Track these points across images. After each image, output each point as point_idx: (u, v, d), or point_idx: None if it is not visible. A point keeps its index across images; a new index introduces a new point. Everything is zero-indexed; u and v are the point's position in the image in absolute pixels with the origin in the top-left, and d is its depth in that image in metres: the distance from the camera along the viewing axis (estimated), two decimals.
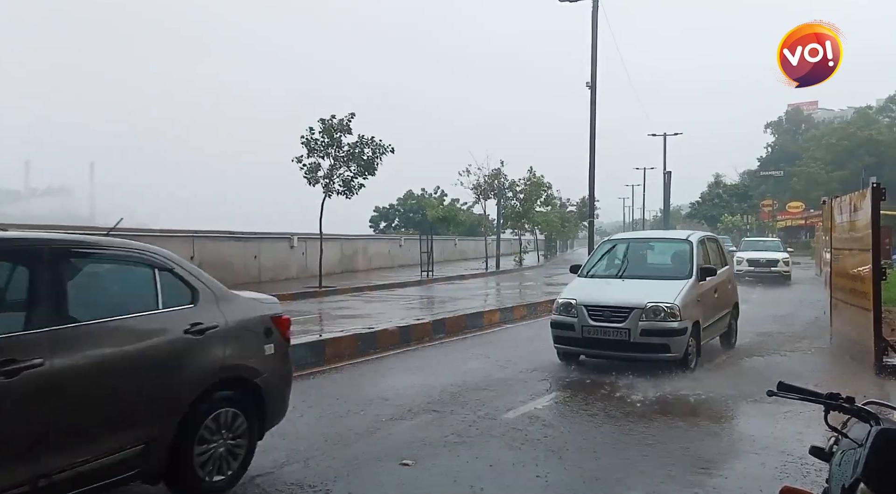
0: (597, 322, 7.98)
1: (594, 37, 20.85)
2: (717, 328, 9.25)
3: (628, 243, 9.97)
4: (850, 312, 9.30)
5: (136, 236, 16.44)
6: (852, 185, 41.96)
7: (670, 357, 7.78)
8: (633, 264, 9.10)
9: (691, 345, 7.95)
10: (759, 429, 5.69)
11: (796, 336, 11.07)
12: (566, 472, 4.67)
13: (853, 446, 1.86)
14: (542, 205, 36.81)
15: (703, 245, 9.17)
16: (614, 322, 7.88)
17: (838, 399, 2.04)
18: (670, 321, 7.72)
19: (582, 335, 8.08)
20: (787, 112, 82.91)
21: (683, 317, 7.80)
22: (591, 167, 21.82)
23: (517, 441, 5.32)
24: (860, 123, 65.24)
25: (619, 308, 7.92)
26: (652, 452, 5.11)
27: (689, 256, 8.76)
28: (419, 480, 4.51)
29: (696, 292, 8.31)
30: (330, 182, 18.29)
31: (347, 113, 18.25)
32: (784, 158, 71.44)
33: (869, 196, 8.16)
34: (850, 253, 9.36)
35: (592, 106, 21.19)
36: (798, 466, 4.65)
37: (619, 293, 8.24)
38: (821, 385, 6.72)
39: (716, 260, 9.54)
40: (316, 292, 17.63)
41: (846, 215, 9.59)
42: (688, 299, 8.01)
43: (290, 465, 4.70)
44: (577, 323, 8.06)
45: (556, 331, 8.37)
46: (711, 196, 58.47)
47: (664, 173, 45.56)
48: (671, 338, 7.73)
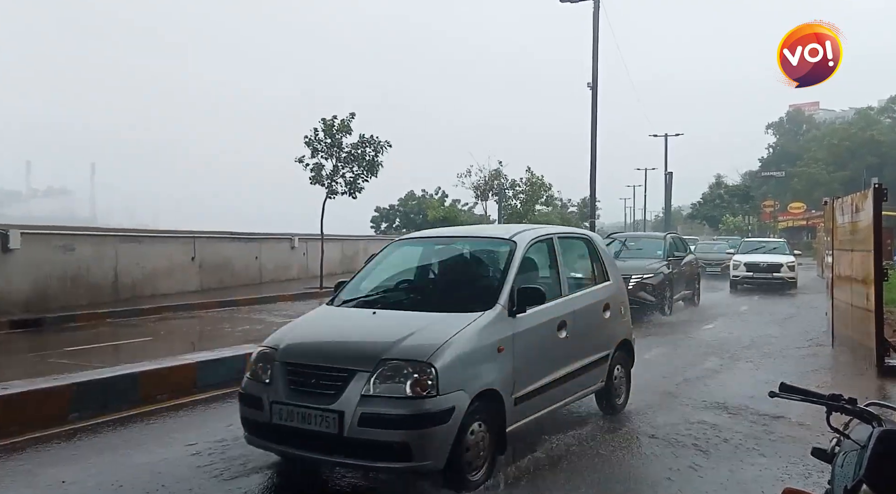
0: (292, 400, 4.21)
1: (595, 38, 20.87)
2: (564, 392, 5.34)
3: (423, 246, 6.21)
4: (852, 313, 9.29)
5: (137, 236, 16.55)
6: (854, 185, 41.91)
7: (413, 468, 4.05)
8: (409, 284, 5.60)
9: (474, 444, 4.22)
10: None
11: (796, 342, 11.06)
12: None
13: (855, 447, 1.86)
14: (542, 205, 36.82)
15: (544, 249, 5.58)
16: (317, 398, 4.12)
17: (840, 401, 2.04)
18: (415, 397, 3.99)
19: (270, 420, 4.26)
20: (789, 113, 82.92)
21: (446, 387, 4.04)
22: (592, 168, 21.82)
23: None
24: (861, 123, 65.23)
25: (329, 369, 4.22)
26: None
27: (501, 269, 5.07)
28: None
29: (497, 337, 4.54)
30: (333, 183, 18.38)
31: (348, 113, 18.35)
32: (785, 158, 71.45)
33: (870, 197, 8.15)
34: (851, 254, 9.35)
35: (594, 106, 21.21)
36: (800, 467, 4.65)
37: (345, 337, 4.74)
38: (823, 386, 6.71)
39: (578, 272, 6.19)
40: (317, 292, 17.64)
41: (848, 216, 9.59)
42: (467, 350, 4.28)
43: None
44: (267, 397, 4.30)
45: (243, 408, 4.56)
46: (713, 197, 58.42)
47: (665, 174, 45.57)
48: (413, 432, 3.96)
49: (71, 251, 14.18)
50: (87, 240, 14.95)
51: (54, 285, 13.76)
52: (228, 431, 5.37)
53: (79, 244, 14.46)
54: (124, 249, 15.60)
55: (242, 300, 15.82)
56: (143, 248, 16.23)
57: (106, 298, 14.65)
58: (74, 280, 14.21)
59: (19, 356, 9.77)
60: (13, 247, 12.73)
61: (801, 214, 57.57)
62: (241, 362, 7.76)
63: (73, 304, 13.59)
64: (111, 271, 15.17)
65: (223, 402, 6.49)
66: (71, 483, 4.39)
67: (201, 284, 17.87)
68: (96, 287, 14.68)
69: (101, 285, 14.86)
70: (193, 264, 17.73)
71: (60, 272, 13.94)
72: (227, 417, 5.77)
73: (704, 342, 10.60)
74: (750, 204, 57.87)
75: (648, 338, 10.31)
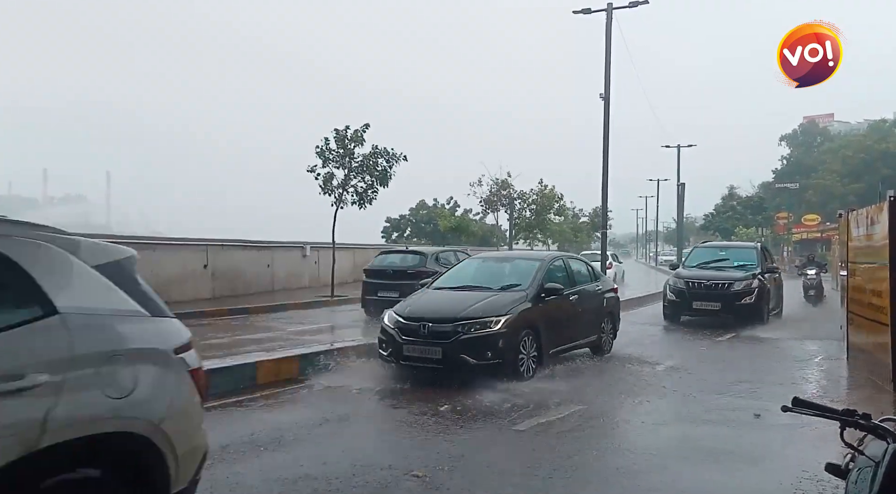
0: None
1: (608, 49, 20.87)
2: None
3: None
4: (867, 327, 9.19)
5: (151, 244, 16.67)
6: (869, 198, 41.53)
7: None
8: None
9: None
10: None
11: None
12: None
13: (869, 463, 1.84)
14: (554, 215, 36.75)
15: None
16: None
17: (854, 416, 2.01)
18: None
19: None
20: (802, 124, 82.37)
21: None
22: (604, 178, 21.77)
23: None
24: (875, 136, 64.76)
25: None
26: None
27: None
28: None
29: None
30: (343, 192, 18.44)
31: (362, 124, 18.40)
32: (799, 170, 70.94)
33: (886, 209, 8.07)
34: (866, 267, 9.26)
35: (606, 117, 21.18)
36: (814, 483, 4.59)
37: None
38: (836, 401, 6.64)
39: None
40: (328, 301, 17.69)
41: (863, 229, 9.50)
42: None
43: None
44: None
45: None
46: (726, 208, 58.08)
47: (678, 185, 45.37)
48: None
49: None
50: None
51: None
52: (233, 437, 5.38)
53: None
54: (138, 256, 15.70)
55: (254, 308, 15.90)
56: (157, 255, 16.35)
57: None
58: None
59: None
60: None
61: (816, 226, 57.07)
62: (250, 369, 7.84)
63: None
64: None
65: (227, 410, 6.51)
66: None
67: (213, 291, 17.97)
68: None
69: None
70: (206, 271, 17.84)
71: None
72: (230, 424, 5.80)
73: None
74: (763, 216, 57.48)
75: None
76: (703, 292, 14.05)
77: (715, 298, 13.96)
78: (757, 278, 14.23)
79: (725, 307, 13.87)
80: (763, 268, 14.79)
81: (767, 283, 14.54)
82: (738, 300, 13.73)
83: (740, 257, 15.40)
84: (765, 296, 14.25)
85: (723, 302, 13.87)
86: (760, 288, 14.10)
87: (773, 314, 15.15)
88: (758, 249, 15.90)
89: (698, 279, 14.28)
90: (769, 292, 14.55)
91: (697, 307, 14.11)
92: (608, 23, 20.81)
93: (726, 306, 13.84)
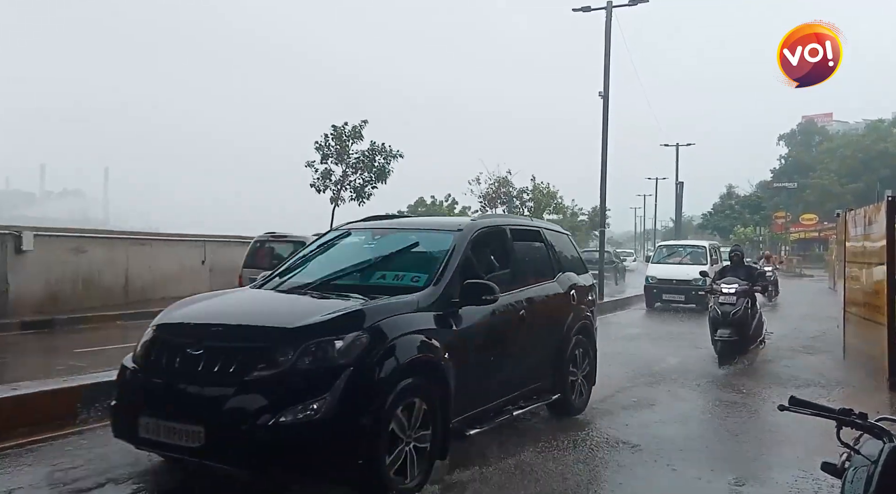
0: None
1: (607, 47, 20.84)
2: None
3: None
4: (865, 326, 9.21)
5: (148, 239, 16.64)
6: (867, 197, 41.62)
7: None
8: None
9: None
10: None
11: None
12: None
13: (866, 463, 1.84)
14: (552, 213, 36.73)
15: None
16: None
17: (851, 415, 2.01)
18: None
19: None
20: (801, 124, 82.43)
21: None
22: (602, 176, 21.75)
23: None
24: (873, 136, 64.86)
25: None
26: None
27: None
28: None
29: None
30: (340, 188, 18.45)
31: (360, 120, 18.42)
32: (798, 169, 71.05)
33: (884, 209, 8.09)
34: (864, 267, 9.28)
35: (605, 115, 21.17)
36: (809, 482, 4.60)
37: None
38: (833, 400, 6.64)
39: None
40: None
41: (861, 229, 9.51)
42: None
43: None
44: None
45: None
46: (724, 207, 58.14)
47: (676, 184, 45.44)
48: None
49: (83, 254, 14.30)
50: (99, 243, 15.06)
51: (66, 287, 13.86)
52: None
53: (90, 247, 14.57)
54: (135, 252, 15.71)
55: None
56: (154, 251, 16.32)
57: (116, 300, 14.75)
58: (86, 282, 14.31)
59: (30, 357, 9.84)
60: (26, 249, 12.83)
61: (814, 225, 57.17)
62: None
63: (84, 306, 13.68)
64: (122, 274, 15.27)
65: None
66: None
67: (211, 287, 17.91)
68: (107, 290, 14.77)
69: (112, 287, 14.95)
70: (204, 267, 17.81)
71: (72, 274, 14.04)
72: None
73: None
74: (761, 215, 57.58)
75: None
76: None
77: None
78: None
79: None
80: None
81: None
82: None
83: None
84: None
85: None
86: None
87: None
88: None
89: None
90: None
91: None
92: (608, 21, 20.80)
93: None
